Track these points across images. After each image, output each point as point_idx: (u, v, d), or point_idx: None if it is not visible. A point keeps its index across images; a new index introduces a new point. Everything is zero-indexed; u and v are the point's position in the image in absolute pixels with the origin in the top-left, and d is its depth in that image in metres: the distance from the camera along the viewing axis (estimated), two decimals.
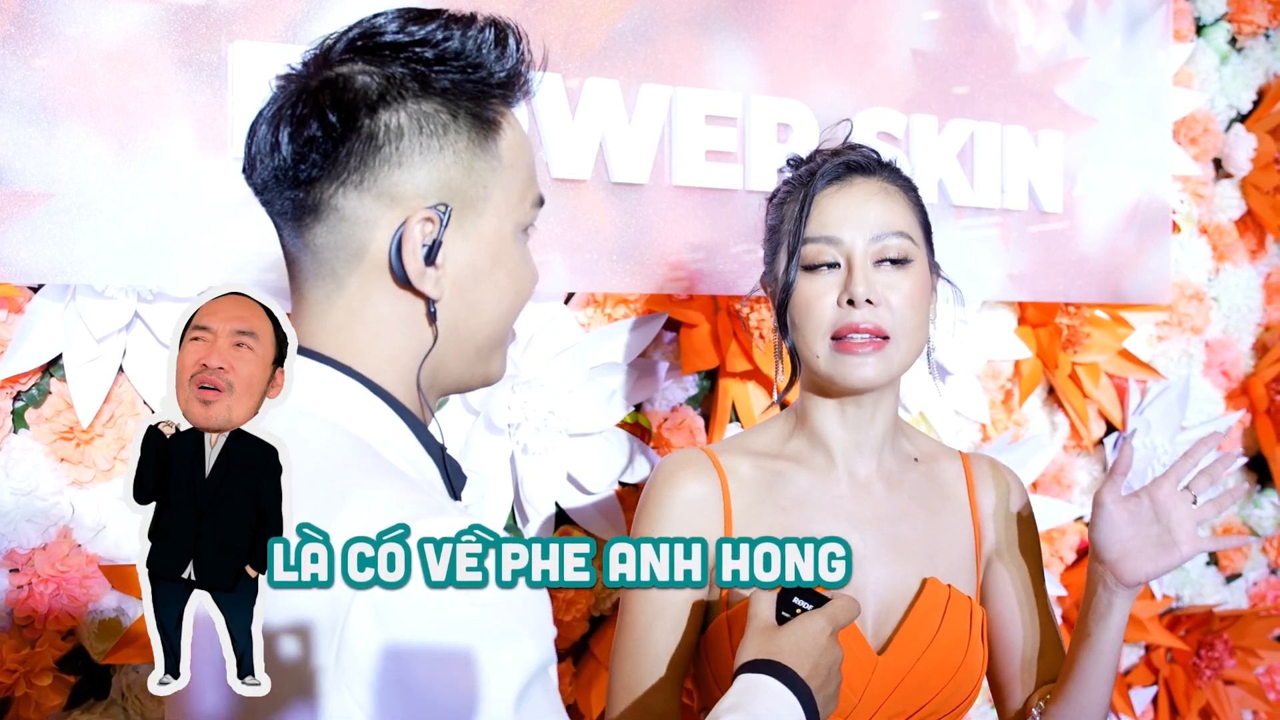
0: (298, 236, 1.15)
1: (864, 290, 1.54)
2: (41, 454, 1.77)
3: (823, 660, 1.30)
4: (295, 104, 1.12)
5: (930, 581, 1.61)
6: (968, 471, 1.73)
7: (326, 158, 1.11)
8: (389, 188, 1.12)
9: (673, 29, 2.22)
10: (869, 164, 1.63)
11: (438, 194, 1.13)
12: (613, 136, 2.14)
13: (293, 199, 1.14)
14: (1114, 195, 2.92)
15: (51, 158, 1.71)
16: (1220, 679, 3.17)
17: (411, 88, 1.13)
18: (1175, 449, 3.00)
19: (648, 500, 1.61)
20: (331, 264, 1.14)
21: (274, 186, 1.14)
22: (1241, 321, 3.32)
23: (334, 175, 1.12)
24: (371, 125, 1.12)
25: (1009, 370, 2.83)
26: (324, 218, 1.13)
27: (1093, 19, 2.85)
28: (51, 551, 1.77)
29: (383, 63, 1.14)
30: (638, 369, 2.27)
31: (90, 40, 1.73)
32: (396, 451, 1.13)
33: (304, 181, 1.12)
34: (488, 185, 1.17)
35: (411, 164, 1.12)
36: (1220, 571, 3.33)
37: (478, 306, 1.18)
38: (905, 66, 2.53)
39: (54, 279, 1.74)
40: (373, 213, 1.13)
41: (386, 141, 1.12)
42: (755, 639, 1.32)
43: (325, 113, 1.11)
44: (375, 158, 1.12)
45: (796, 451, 1.66)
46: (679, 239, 2.23)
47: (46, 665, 1.77)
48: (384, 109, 1.12)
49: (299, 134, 1.11)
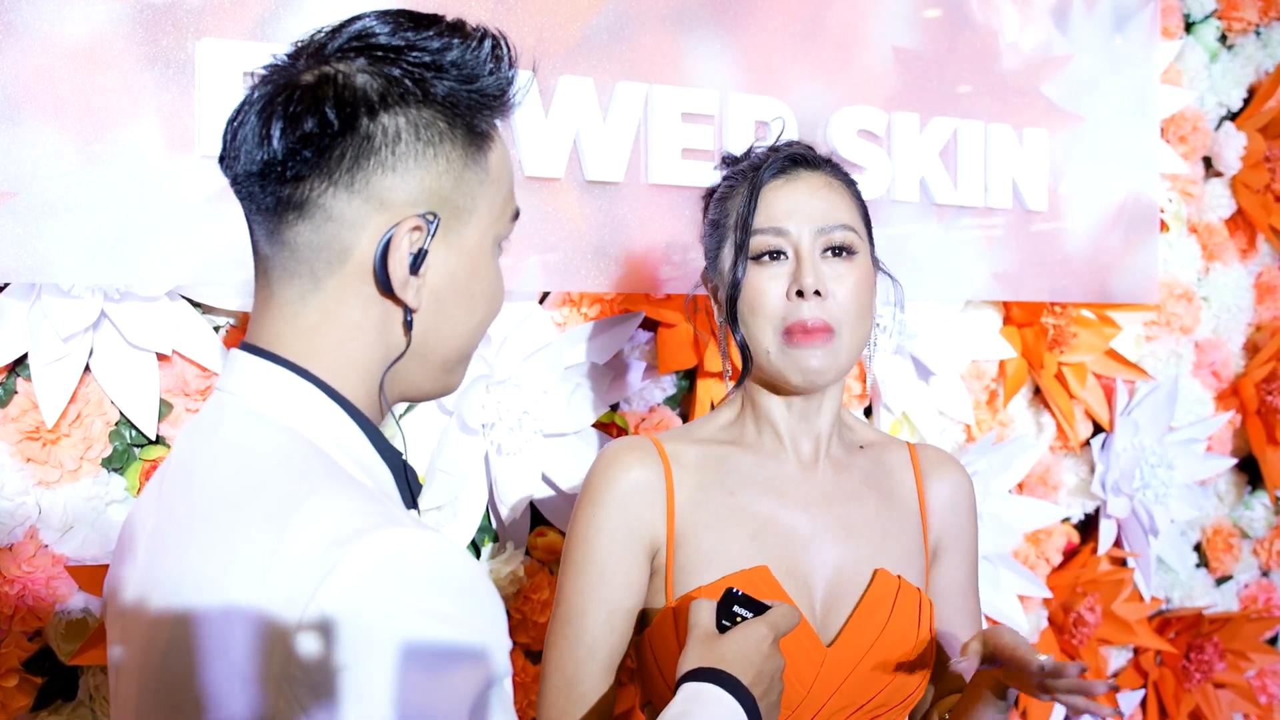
0: (276, 233, 1.13)
1: (812, 281, 1.56)
2: (7, 454, 1.77)
3: (765, 668, 1.31)
4: (290, 99, 1.10)
5: (880, 572, 1.61)
6: (914, 460, 1.73)
7: (319, 155, 1.09)
8: (380, 191, 1.10)
9: (648, 26, 2.20)
10: (813, 158, 1.65)
11: (427, 202, 1.12)
12: (587, 134, 2.13)
13: (277, 194, 1.11)
14: (1100, 194, 2.90)
15: (16, 156, 1.70)
16: (1210, 682, 3.15)
17: (414, 93, 1.12)
18: (1163, 449, 2.98)
19: (588, 486, 1.61)
20: (311, 263, 1.12)
21: (257, 179, 1.11)
22: (1232, 321, 3.30)
23: (324, 173, 1.10)
24: (370, 127, 1.10)
25: (993, 370, 2.82)
26: (309, 216, 1.11)
27: (1079, 16, 2.84)
28: (18, 552, 1.76)
29: (381, 64, 1.12)
30: (614, 369, 2.25)
31: (56, 38, 1.72)
32: (351, 458, 1.12)
33: (291, 178, 1.10)
34: (475, 197, 1.16)
35: (405, 170, 1.11)
36: (1210, 574, 3.31)
37: (452, 320, 1.17)
38: (886, 63, 2.52)
39: (19, 278, 1.73)
40: (360, 215, 1.11)
41: (383, 145, 1.10)
42: (697, 647, 1.32)
43: (324, 109, 1.09)
44: (370, 160, 1.10)
45: (742, 435, 1.67)
46: (655, 237, 2.22)
47: (13, 666, 1.77)
48: (385, 111, 1.10)
49: (293, 129, 1.09)
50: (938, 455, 1.77)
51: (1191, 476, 3.07)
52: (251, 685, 1.00)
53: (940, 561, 1.72)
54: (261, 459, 1.09)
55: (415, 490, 1.21)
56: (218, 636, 1.02)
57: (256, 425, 1.11)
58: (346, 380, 1.14)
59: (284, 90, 1.11)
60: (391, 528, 1.01)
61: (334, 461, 1.10)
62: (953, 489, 1.74)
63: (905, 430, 2.64)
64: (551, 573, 2.20)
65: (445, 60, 1.13)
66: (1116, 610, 2.96)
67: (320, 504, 1.03)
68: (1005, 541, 2.71)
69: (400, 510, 1.10)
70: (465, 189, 1.15)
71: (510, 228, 1.22)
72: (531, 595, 2.17)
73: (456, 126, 1.14)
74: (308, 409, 1.12)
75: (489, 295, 1.20)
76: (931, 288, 2.60)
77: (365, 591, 0.98)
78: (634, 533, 1.58)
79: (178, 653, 1.05)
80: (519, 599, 2.16)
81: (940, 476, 1.73)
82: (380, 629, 0.98)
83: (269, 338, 1.14)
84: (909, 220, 2.54)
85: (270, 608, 0.99)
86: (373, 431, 1.15)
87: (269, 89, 1.12)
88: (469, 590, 1.04)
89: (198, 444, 1.15)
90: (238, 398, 1.14)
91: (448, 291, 1.15)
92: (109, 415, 1.82)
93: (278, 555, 1.00)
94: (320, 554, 0.99)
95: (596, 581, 1.57)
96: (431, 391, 1.23)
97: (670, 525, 1.58)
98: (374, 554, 0.99)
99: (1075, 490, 2.99)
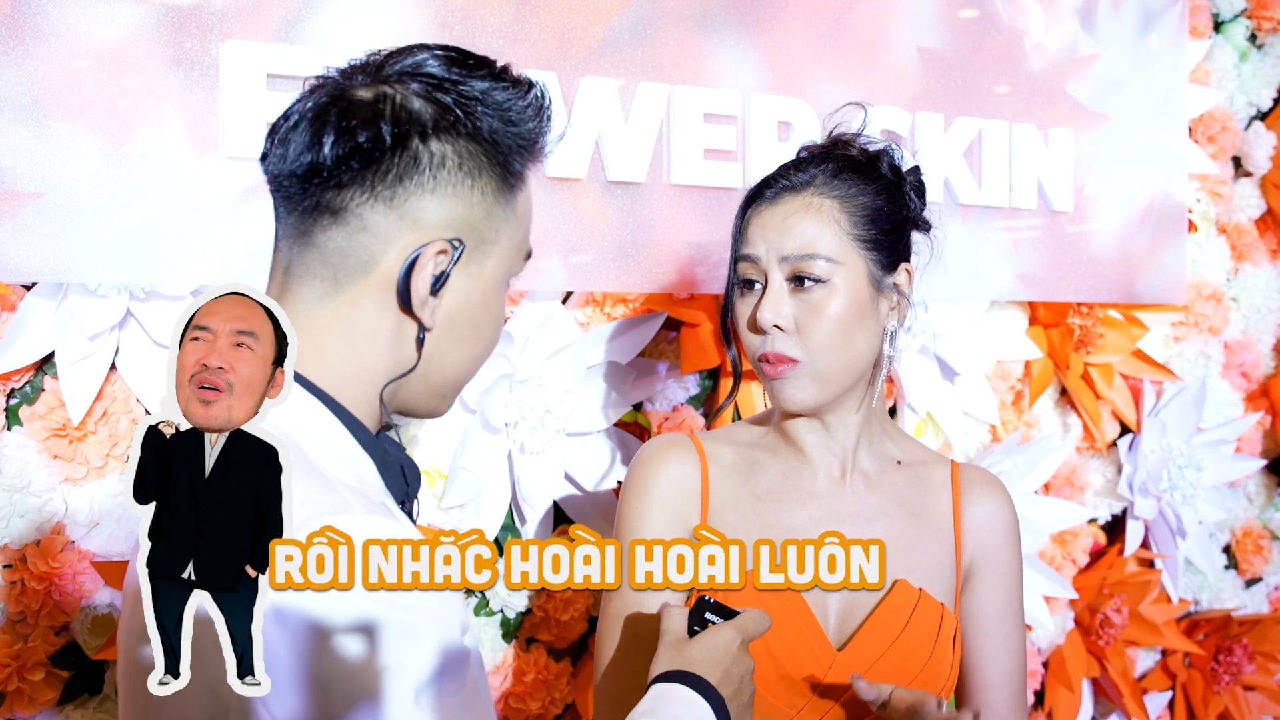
0: (306, 234, 1.17)
1: (770, 316, 1.55)
2: (34, 451, 1.79)
3: (734, 668, 1.33)
4: (346, 111, 1.14)
5: (900, 583, 1.60)
6: (955, 480, 1.71)
7: (365, 168, 1.14)
8: (415, 211, 1.15)
9: (671, 26, 2.21)
10: (797, 181, 1.61)
11: (456, 229, 1.17)
12: (609, 135, 2.13)
13: (317, 198, 1.15)
14: (1127, 194, 2.88)
15: (43, 157, 1.72)
16: (1239, 684, 3.13)
17: (463, 124, 1.17)
18: (1191, 451, 2.97)
19: (631, 479, 1.63)
20: (335, 268, 1.16)
21: (299, 181, 1.16)
22: (1261, 322, 3.28)
23: (367, 186, 1.14)
24: (420, 149, 1.15)
25: (1019, 371, 2.81)
26: (344, 223, 1.15)
27: (1105, 16, 2.82)
28: (44, 548, 1.78)
29: (435, 92, 1.17)
30: (637, 368, 2.26)
31: (82, 40, 1.74)
32: (327, 452, 1.14)
33: (335, 185, 1.14)
34: (499, 232, 1.21)
35: (443, 195, 1.16)
36: (1240, 575, 3.29)
37: (459, 344, 1.21)
38: (911, 63, 2.51)
39: (46, 277, 1.75)
40: (393, 230, 1.15)
41: (428, 167, 1.15)
42: (667, 652, 1.35)
43: (379, 125, 1.13)
44: (412, 180, 1.15)
45: (774, 444, 1.68)
46: (677, 238, 2.23)
47: (39, 660, 1.79)
48: (435, 137, 1.15)
49: (345, 139, 1.13)
50: (980, 475, 1.74)
51: (1220, 478, 3.05)
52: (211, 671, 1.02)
53: (976, 584, 1.69)
54: None
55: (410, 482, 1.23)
56: None
57: None
58: (346, 384, 1.18)
59: (339, 102, 1.15)
60: (338, 515, 1.04)
61: (304, 454, 1.11)
62: (991, 510, 1.70)
63: (930, 430, 2.64)
64: None
65: (492, 100, 1.18)
66: (1144, 612, 2.94)
67: None
68: (1031, 542, 2.69)
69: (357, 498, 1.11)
70: (492, 223, 1.20)
71: (522, 267, 1.28)
72: (554, 593, 2.17)
73: (495, 163, 1.19)
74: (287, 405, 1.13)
75: (493, 327, 1.25)
76: (956, 288, 2.59)
77: None
78: (675, 524, 1.61)
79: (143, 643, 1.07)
80: (542, 596, 2.17)
81: (979, 497, 1.70)
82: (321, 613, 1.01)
83: None
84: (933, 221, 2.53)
85: None
86: (354, 424, 1.18)
87: (323, 99, 1.17)
88: None
89: None
90: None
91: (459, 316, 1.20)
92: (135, 413, 1.84)
93: None
94: None
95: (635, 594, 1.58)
96: (424, 411, 1.27)
97: (704, 521, 1.60)
98: None
99: (1102, 491, 2.98)
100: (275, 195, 1.20)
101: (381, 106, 1.15)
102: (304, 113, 1.17)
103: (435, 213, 1.16)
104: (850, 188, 1.60)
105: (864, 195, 1.61)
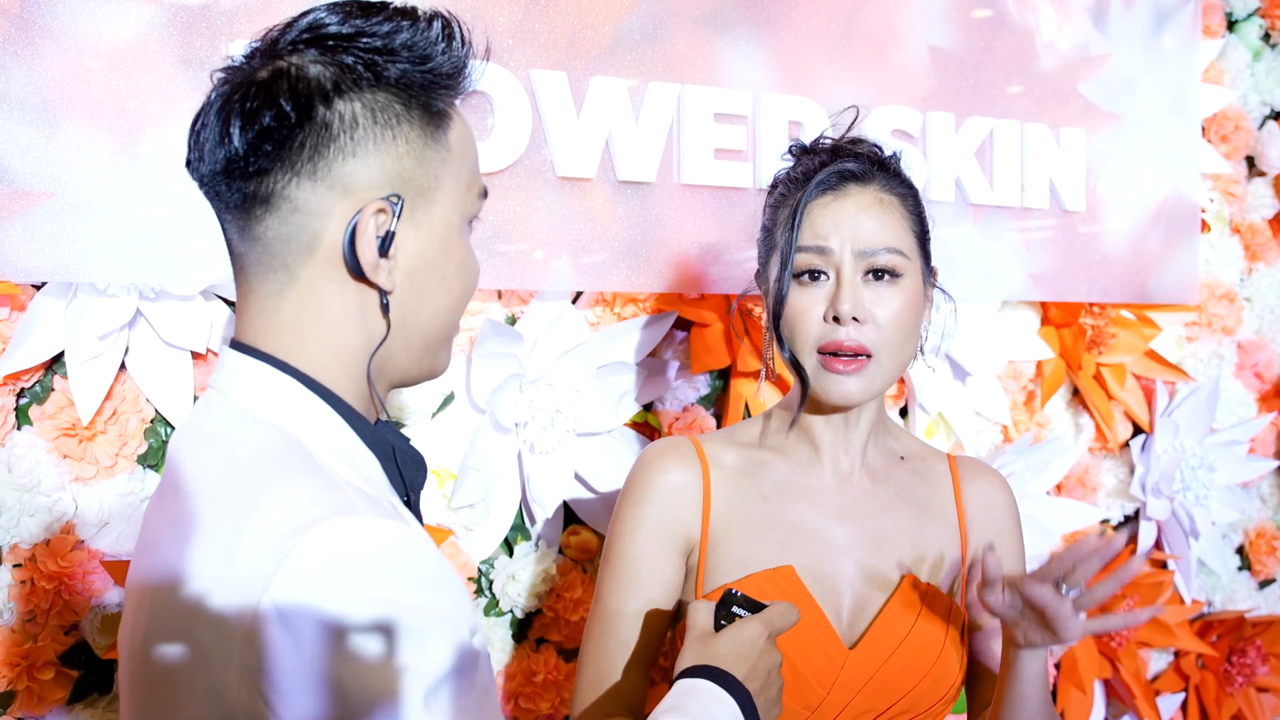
0: (247, 229, 1.15)
1: (849, 308, 1.54)
2: (44, 450, 1.79)
3: (761, 663, 1.31)
4: (246, 95, 1.12)
5: (908, 577, 1.60)
6: (954, 472, 1.72)
7: (280, 148, 1.11)
8: (342, 177, 1.12)
9: (681, 26, 2.21)
10: (864, 172, 1.60)
11: (390, 184, 1.14)
12: (619, 135, 2.13)
13: (243, 190, 1.13)
14: (1139, 194, 2.87)
15: (53, 157, 1.73)
16: (1252, 686, 3.12)
17: (366, 77, 1.14)
18: (1204, 452, 2.95)
19: (628, 486, 1.63)
20: (283, 256, 1.14)
21: (223, 178, 1.13)
22: (1275, 322, 3.26)
23: (287, 165, 1.11)
24: (327, 114, 1.12)
25: (1031, 371, 2.80)
26: (276, 208, 1.12)
27: (1118, 15, 2.81)
28: (54, 547, 1.78)
29: (333, 53, 1.14)
30: (647, 368, 2.26)
31: (91, 40, 1.74)
32: (332, 449, 1.13)
33: (255, 173, 1.12)
34: (438, 175, 1.17)
35: (365, 154, 1.13)
36: (1253, 577, 3.27)
37: (428, 298, 1.18)
38: (922, 63, 2.50)
39: (56, 277, 1.75)
40: (326, 203, 1.12)
41: (341, 131, 1.12)
42: (693, 647, 1.33)
43: (280, 102, 1.10)
44: (329, 148, 1.12)
45: (782, 444, 1.67)
46: (688, 238, 2.22)
47: (49, 660, 1.79)
48: (339, 98, 1.12)
49: (251, 125, 1.11)
50: (976, 465, 1.75)
51: (1233, 479, 3.04)
52: (216, 675, 1.02)
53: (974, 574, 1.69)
54: (238, 454, 1.10)
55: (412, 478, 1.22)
56: (186, 628, 1.04)
57: (237, 421, 1.13)
58: (332, 371, 1.16)
59: (240, 88, 1.13)
60: (344, 516, 1.03)
61: (308, 452, 1.11)
62: (988, 495, 1.72)
63: (941, 431, 2.63)
64: (584, 571, 2.20)
65: (396, 43, 1.14)
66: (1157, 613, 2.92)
67: (280, 494, 1.04)
68: (1043, 543, 2.69)
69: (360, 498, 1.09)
70: (427, 168, 1.16)
71: (479, 206, 1.24)
72: (564, 594, 2.17)
73: (413, 107, 1.16)
74: (288, 403, 1.14)
75: (463, 272, 1.21)
76: (968, 288, 2.58)
77: (315, 580, 0.99)
78: (670, 532, 1.59)
79: (153, 644, 1.07)
80: (551, 597, 2.17)
81: (977, 485, 1.72)
82: (330, 616, 0.99)
83: (253, 333, 1.16)
84: (944, 221, 2.52)
85: (231, 598, 1.01)
86: (358, 420, 1.17)
87: (226, 89, 1.14)
88: (422, 575, 1.05)
89: (187, 442, 1.16)
90: (224, 394, 1.16)
91: (420, 272, 1.17)
92: (144, 412, 1.85)
93: (239, 546, 1.02)
94: (276, 544, 1.00)
95: (633, 580, 1.59)
96: (419, 375, 1.24)
97: (705, 526, 1.59)
98: (325, 542, 1.00)
99: (1114, 492, 2.97)
100: (209, 198, 1.18)
101: (279, 83, 1.11)
102: (210, 107, 1.15)
103: (363, 174, 1.12)
104: (901, 186, 1.62)
105: (912, 195, 1.63)
